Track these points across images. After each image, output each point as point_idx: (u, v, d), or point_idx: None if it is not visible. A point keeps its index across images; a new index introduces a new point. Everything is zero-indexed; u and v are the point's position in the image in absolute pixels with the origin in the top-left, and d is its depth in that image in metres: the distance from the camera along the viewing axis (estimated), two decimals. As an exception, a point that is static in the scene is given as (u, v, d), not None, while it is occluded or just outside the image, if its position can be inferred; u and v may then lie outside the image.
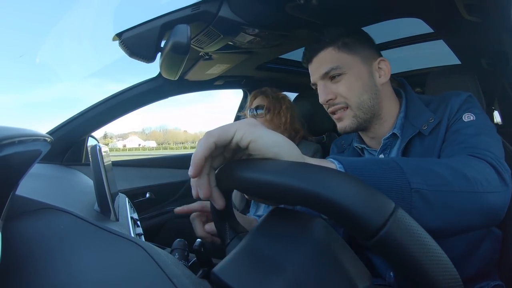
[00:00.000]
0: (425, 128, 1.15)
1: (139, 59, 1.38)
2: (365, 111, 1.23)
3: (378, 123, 1.28)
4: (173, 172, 2.72)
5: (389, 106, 1.28)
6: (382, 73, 1.25)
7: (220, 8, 1.37)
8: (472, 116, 1.09)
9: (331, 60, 1.24)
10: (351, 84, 1.22)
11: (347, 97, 1.23)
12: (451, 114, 1.13)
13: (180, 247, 0.90)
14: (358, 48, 1.24)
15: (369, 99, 1.22)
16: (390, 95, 1.28)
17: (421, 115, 1.19)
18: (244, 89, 3.05)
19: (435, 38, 2.29)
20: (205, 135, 0.59)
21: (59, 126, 1.98)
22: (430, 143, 1.13)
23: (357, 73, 1.23)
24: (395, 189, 0.65)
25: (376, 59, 1.26)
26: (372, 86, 1.23)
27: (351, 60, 1.23)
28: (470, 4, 1.25)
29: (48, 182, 1.31)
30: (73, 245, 0.55)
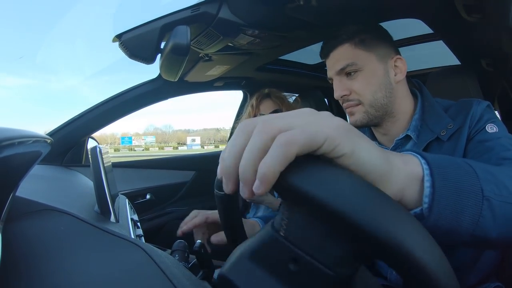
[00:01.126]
0: (443, 134, 1.15)
1: (139, 60, 1.38)
2: (377, 109, 1.24)
3: (391, 120, 1.28)
4: (173, 173, 2.72)
5: (404, 105, 1.28)
6: (398, 71, 1.25)
7: (219, 10, 1.37)
8: (495, 128, 1.10)
9: (347, 56, 1.24)
10: (366, 81, 1.23)
11: (361, 94, 1.23)
12: (472, 122, 1.12)
13: (180, 248, 0.90)
14: (375, 45, 1.24)
15: (383, 97, 1.23)
16: (405, 94, 1.29)
17: (440, 120, 1.19)
18: (244, 91, 3.05)
19: (435, 39, 2.29)
20: (282, 140, 0.40)
21: (59, 127, 1.98)
22: (448, 149, 1.14)
23: (373, 70, 1.23)
24: (472, 195, 0.61)
25: (393, 57, 1.25)
26: (387, 84, 1.23)
27: (367, 57, 1.23)
28: (469, 4, 1.25)
29: (48, 184, 1.31)
30: (73, 247, 0.55)
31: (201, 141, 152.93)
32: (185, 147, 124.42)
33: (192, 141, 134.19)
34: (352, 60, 1.23)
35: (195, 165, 2.90)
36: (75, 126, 2.00)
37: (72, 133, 2.00)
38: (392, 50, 1.26)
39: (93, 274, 0.49)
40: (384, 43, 1.26)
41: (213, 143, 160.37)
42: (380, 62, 1.23)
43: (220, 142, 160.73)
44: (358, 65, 1.22)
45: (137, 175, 2.51)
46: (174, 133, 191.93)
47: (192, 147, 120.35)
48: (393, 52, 1.26)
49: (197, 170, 2.84)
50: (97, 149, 1.05)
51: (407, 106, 1.28)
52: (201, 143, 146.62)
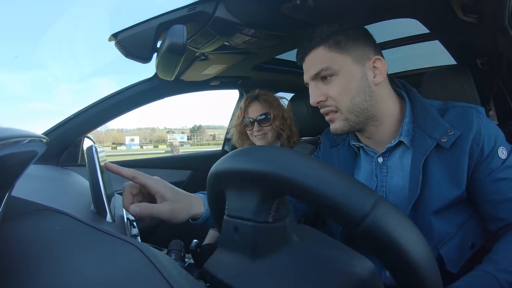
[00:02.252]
0: (444, 141, 1.13)
1: (135, 59, 1.38)
2: (357, 114, 1.19)
3: (374, 124, 1.24)
4: (169, 172, 2.72)
5: (387, 108, 1.23)
6: (378, 72, 1.19)
7: (216, 9, 1.37)
8: (505, 151, 1.13)
9: (321, 60, 1.19)
10: (342, 86, 1.18)
11: (337, 100, 1.19)
12: (478, 137, 1.12)
13: (177, 247, 0.90)
14: (351, 47, 1.18)
15: (362, 102, 1.18)
16: (387, 96, 1.23)
17: (437, 125, 1.16)
18: (240, 90, 3.05)
19: (431, 39, 2.30)
20: None
21: (54, 126, 1.97)
22: (453, 158, 1.12)
23: (349, 73, 1.18)
24: None
25: (371, 57, 1.19)
26: (365, 88, 1.18)
27: (342, 59, 1.18)
28: (465, 4, 1.25)
29: (44, 183, 1.31)
30: (69, 246, 0.55)
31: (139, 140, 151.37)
32: (124, 147, 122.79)
33: (131, 141, 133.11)
34: (326, 64, 1.18)
35: (191, 164, 2.90)
36: (71, 126, 1.98)
37: (67, 132, 1.99)
38: (371, 50, 1.21)
39: (89, 274, 0.49)
40: (361, 43, 1.20)
41: (149, 143, 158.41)
42: (357, 64, 1.18)
43: (158, 142, 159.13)
44: (333, 69, 1.18)
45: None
46: (109, 132, 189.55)
47: (131, 147, 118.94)
48: (371, 53, 1.20)
49: (193, 170, 2.85)
50: (93, 148, 1.04)
51: (392, 109, 1.24)
52: (140, 143, 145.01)
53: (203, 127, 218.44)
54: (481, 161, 1.12)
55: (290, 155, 0.52)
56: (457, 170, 1.11)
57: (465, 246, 1.16)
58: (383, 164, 1.27)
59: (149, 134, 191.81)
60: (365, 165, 1.33)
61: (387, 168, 1.26)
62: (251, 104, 2.19)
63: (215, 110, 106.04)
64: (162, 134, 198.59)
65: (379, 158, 1.27)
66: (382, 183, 1.26)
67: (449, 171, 1.12)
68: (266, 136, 2.18)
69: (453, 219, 1.16)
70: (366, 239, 0.44)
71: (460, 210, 1.17)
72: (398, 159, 1.24)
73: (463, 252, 1.15)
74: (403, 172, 1.22)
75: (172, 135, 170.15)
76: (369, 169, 1.31)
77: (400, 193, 1.22)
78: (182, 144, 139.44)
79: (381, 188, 1.26)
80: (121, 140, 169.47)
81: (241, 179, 0.58)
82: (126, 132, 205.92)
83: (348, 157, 1.37)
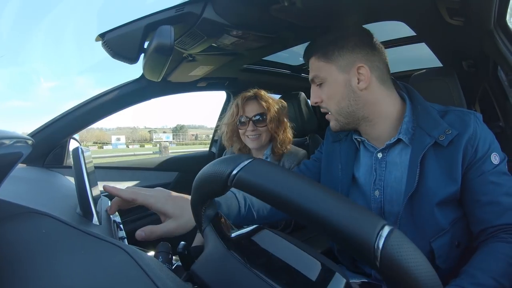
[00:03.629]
0: (442, 139, 1.21)
1: (122, 60, 1.37)
2: (345, 116, 1.32)
3: (368, 125, 1.34)
4: (156, 174, 2.71)
5: (380, 109, 1.31)
6: (362, 78, 1.27)
7: (204, 10, 1.37)
8: (498, 158, 1.21)
9: (313, 68, 1.35)
10: (329, 92, 1.32)
11: (327, 103, 1.34)
12: (473, 140, 1.20)
13: (164, 250, 0.90)
14: (336, 57, 1.29)
15: (348, 106, 1.30)
16: (379, 98, 1.31)
17: (436, 125, 1.24)
18: (227, 91, 3.05)
19: (417, 41, 2.32)
20: None
21: (40, 128, 1.95)
22: (448, 156, 1.21)
23: (334, 81, 1.30)
24: None
25: (356, 65, 1.27)
26: (349, 93, 1.29)
27: (328, 69, 1.30)
28: (452, 7, 1.27)
29: (30, 185, 1.29)
30: (55, 250, 0.54)
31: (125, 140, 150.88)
32: (110, 146, 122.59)
33: (117, 140, 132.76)
34: (316, 72, 1.34)
35: (177, 166, 2.89)
36: (57, 127, 1.96)
37: (53, 133, 1.97)
38: (357, 58, 1.28)
39: (76, 277, 0.49)
40: (347, 52, 1.28)
41: (131, 142, 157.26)
42: (342, 72, 1.29)
43: (141, 141, 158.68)
44: (321, 77, 1.33)
45: (120, 176, 2.50)
46: (92, 131, 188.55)
47: (117, 146, 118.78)
48: (357, 61, 1.28)
49: (180, 171, 2.84)
50: (79, 150, 1.03)
51: (388, 110, 1.32)
52: (126, 142, 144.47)
53: (185, 126, 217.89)
54: (474, 162, 1.20)
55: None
56: (453, 167, 1.19)
57: (453, 244, 1.23)
58: (382, 159, 1.35)
59: (131, 133, 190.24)
60: (365, 159, 1.42)
61: (386, 164, 1.34)
62: (248, 102, 2.17)
63: (195, 110, 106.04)
64: (144, 133, 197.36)
65: (378, 154, 1.35)
66: (381, 177, 1.34)
67: (446, 168, 1.21)
68: (259, 137, 2.16)
69: (448, 215, 1.23)
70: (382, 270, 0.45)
71: (454, 208, 1.25)
72: (397, 156, 1.32)
73: (451, 249, 1.23)
74: (401, 168, 1.30)
75: (158, 134, 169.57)
76: (369, 163, 1.39)
77: (397, 186, 1.30)
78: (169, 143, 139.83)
79: (379, 182, 1.35)
80: (104, 139, 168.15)
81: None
82: (107, 131, 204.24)
83: (349, 152, 1.45)
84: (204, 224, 0.72)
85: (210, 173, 0.59)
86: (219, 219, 0.75)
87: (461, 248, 1.26)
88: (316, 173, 1.58)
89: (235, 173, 0.54)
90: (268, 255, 0.67)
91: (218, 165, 0.58)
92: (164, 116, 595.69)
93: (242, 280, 0.60)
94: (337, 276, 0.65)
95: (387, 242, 0.44)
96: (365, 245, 0.44)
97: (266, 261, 0.65)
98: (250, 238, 0.72)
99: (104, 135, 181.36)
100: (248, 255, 0.65)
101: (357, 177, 1.42)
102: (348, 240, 0.45)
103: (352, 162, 1.43)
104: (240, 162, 0.56)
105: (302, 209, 0.48)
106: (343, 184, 1.42)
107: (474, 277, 1.04)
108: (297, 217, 0.50)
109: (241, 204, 1.36)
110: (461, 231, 1.26)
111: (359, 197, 1.41)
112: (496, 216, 1.16)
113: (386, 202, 1.33)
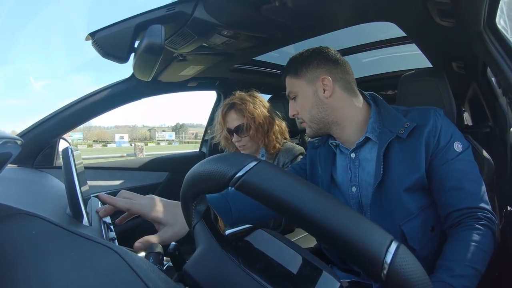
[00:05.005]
0: (401, 132, 1.34)
1: (113, 59, 1.36)
2: (316, 122, 1.48)
3: (338, 128, 1.48)
4: (146, 174, 2.70)
5: (346, 114, 1.46)
6: (327, 87, 1.43)
7: (195, 9, 1.37)
8: (461, 146, 1.33)
9: (288, 85, 1.54)
10: (302, 103, 1.49)
11: (301, 114, 1.51)
12: (434, 132, 1.33)
13: (155, 251, 0.89)
14: (304, 73, 1.46)
15: (318, 112, 1.46)
16: (344, 104, 1.46)
17: (397, 121, 1.38)
18: (218, 91, 3.04)
19: (407, 42, 2.33)
20: None
21: (30, 128, 1.93)
22: (410, 147, 1.33)
23: (304, 93, 1.47)
24: None
25: (321, 77, 1.43)
26: (318, 102, 1.45)
27: (299, 84, 1.48)
28: (442, 9, 1.28)
29: (19, 186, 1.28)
30: (46, 251, 0.54)
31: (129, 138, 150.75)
32: (114, 144, 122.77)
33: (121, 138, 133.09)
34: (290, 88, 1.53)
35: (167, 166, 2.88)
36: (47, 127, 1.95)
37: (43, 133, 1.95)
38: (322, 71, 1.45)
39: (66, 279, 0.48)
40: (313, 67, 1.46)
41: (132, 140, 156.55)
42: (309, 85, 1.46)
43: (140, 140, 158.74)
44: (294, 92, 1.51)
45: (110, 177, 2.48)
46: (93, 130, 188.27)
47: (121, 144, 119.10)
48: (322, 73, 1.44)
49: (170, 171, 2.83)
50: (69, 150, 1.02)
51: (353, 114, 1.47)
52: (129, 141, 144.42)
53: (185, 125, 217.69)
54: (437, 151, 1.32)
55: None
56: (415, 156, 1.32)
57: (426, 228, 1.34)
58: (356, 158, 1.48)
59: (131, 131, 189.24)
60: (341, 161, 1.55)
61: (359, 162, 1.47)
62: (227, 113, 2.16)
63: (192, 109, 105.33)
64: (144, 132, 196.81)
65: (351, 154, 1.48)
66: (355, 174, 1.47)
67: (409, 157, 1.33)
68: (246, 146, 2.17)
69: (415, 201, 1.34)
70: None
71: (422, 196, 1.36)
72: (368, 152, 1.44)
73: (425, 233, 1.34)
74: (371, 163, 1.42)
75: (160, 133, 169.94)
76: (344, 164, 1.52)
77: (369, 180, 1.42)
78: (170, 142, 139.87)
79: (354, 179, 1.47)
80: (104, 137, 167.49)
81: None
82: (105, 129, 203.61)
83: (328, 156, 1.59)
84: (194, 219, 0.71)
85: (210, 170, 0.56)
86: (211, 215, 0.75)
87: (437, 232, 1.35)
88: (300, 171, 1.72)
89: (239, 176, 0.52)
90: (262, 256, 0.67)
91: (219, 163, 0.56)
92: (161, 114, 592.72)
93: (236, 280, 0.60)
94: (332, 279, 0.65)
95: (394, 258, 0.45)
96: (374, 260, 0.45)
97: (260, 262, 0.65)
98: (244, 238, 0.72)
99: (105, 133, 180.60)
100: (242, 255, 0.65)
101: (336, 178, 1.55)
102: (356, 254, 0.46)
103: (330, 165, 1.57)
104: (246, 164, 0.54)
105: (308, 218, 0.48)
106: (323, 185, 1.54)
107: (451, 269, 1.12)
108: (302, 224, 0.49)
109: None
110: (432, 217, 1.36)
111: (339, 196, 1.52)
112: (460, 200, 1.26)
113: (362, 196, 1.44)
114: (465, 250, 1.16)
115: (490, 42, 1.35)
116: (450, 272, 1.12)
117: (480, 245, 1.16)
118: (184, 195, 0.68)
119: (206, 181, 0.57)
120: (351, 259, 0.47)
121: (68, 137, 2.14)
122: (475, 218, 1.23)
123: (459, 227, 1.24)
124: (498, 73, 1.40)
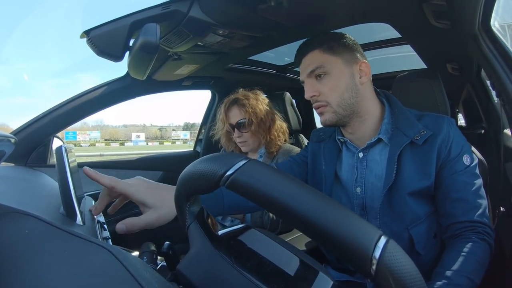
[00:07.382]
0: (417, 138, 1.31)
1: (107, 57, 1.36)
2: (344, 108, 1.37)
3: (358, 121, 1.41)
4: (140, 173, 2.68)
5: (370, 107, 1.41)
6: (363, 74, 1.38)
7: (190, 8, 1.36)
8: (469, 159, 1.32)
9: (316, 60, 1.38)
10: (333, 83, 1.36)
11: (328, 95, 1.37)
12: (446, 141, 1.31)
13: (149, 250, 0.89)
14: (342, 51, 1.37)
15: (350, 97, 1.36)
16: (370, 96, 1.42)
17: (412, 126, 1.35)
18: (212, 90, 3.04)
19: (402, 43, 2.34)
20: None
21: (23, 126, 1.92)
22: (423, 153, 1.31)
23: (339, 73, 1.36)
24: None
25: (358, 61, 1.38)
26: (353, 86, 1.36)
27: (334, 61, 1.36)
28: (437, 10, 1.29)
29: (12, 185, 1.28)
30: (39, 250, 0.53)
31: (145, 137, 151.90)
32: (131, 143, 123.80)
33: (137, 137, 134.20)
34: (319, 63, 1.37)
35: (161, 165, 2.88)
36: (40, 125, 1.94)
37: (37, 132, 1.94)
38: (358, 55, 1.40)
39: (60, 278, 0.48)
40: (350, 49, 1.39)
41: (146, 139, 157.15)
42: (346, 66, 1.37)
43: (160, 139, 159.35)
44: (326, 68, 1.36)
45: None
46: (106, 128, 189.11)
47: (138, 143, 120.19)
48: (358, 58, 1.39)
49: (164, 170, 2.82)
50: (63, 149, 1.02)
51: (374, 109, 1.43)
52: (145, 140, 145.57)
53: (196, 124, 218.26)
54: (447, 161, 1.30)
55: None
56: (427, 163, 1.30)
57: (430, 235, 1.35)
58: (363, 158, 1.43)
59: (139, 131, 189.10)
60: (347, 159, 1.49)
61: (366, 162, 1.43)
62: (230, 109, 2.16)
63: (202, 108, 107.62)
64: (155, 131, 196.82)
65: (360, 153, 1.44)
66: (362, 174, 1.43)
67: (421, 164, 1.31)
68: (247, 142, 2.17)
69: (423, 207, 1.34)
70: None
71: (427, 202, 1.36)
72: (377, 155, 1.41)
73: (429, 239, 1.34)
74: (381, 165, 1.39)
75: (176, 132, 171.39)
76: (351, 162, 1.47)
77: (377, 182, 1.39)
78: (185, 141, 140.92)
79: (360, 179, 1.43)
80: (117, 136, 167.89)
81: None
82: (116, 128, 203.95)
83: (333, 151, 1.54)
84: (188, 220, 0.71)
85: (201, 170, 0.57)
86: (204, 215, 0.75)
87: (438, 240, 1.36)
88: (301, 163, 1.66)
89: (229, 174, 0.53)
90: (256, 255, 0.67)
91: (210, 163, 0.57)
92: (168, 114, 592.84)
93: (229, 280, 0.60)
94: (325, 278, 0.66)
95: (383, 253, 0.44)
96: (362, 255, 0.44)
97: (253, 262, 0.65)
98: (237, 237, 0.72)
99: (117, 132, 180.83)
100: (236, 255, 0.65)
101: (340, 175, 1.50)
102: (345, 250, 0.46)
103: (334, 161, 1.51)
104: (235, 162, 0.54)
105: (297, 215, 0.48)
106: (327, 182, 1.50)
107: (448, 278, 1.14)
108: (291, 222, 0.49)
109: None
110: (436, 224, 1.37)
111: (342, 194, 1.48)
112: (463, 212, 1.27)
113: (367, 198, 1.41)
114: (463, 261, 1.18)
115: (485, 44, 1.35)
116: (447, 280, 1.13)
117: (477, 258, 1.19)
118: (178, 196, 0.68)
119: (199, 180, 0.58)
120: (341, 254, 0.47)
121: (86, 136, 2.13)
122: (475, 232, 1.25)
123: (459, 238, 1.26)
124: (492, 75, 1.41)
